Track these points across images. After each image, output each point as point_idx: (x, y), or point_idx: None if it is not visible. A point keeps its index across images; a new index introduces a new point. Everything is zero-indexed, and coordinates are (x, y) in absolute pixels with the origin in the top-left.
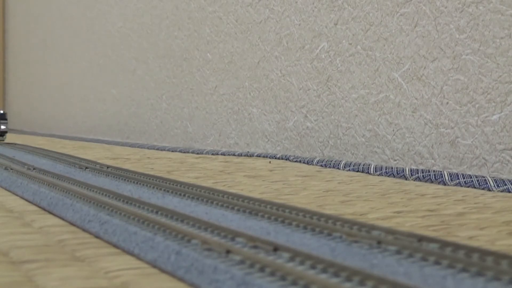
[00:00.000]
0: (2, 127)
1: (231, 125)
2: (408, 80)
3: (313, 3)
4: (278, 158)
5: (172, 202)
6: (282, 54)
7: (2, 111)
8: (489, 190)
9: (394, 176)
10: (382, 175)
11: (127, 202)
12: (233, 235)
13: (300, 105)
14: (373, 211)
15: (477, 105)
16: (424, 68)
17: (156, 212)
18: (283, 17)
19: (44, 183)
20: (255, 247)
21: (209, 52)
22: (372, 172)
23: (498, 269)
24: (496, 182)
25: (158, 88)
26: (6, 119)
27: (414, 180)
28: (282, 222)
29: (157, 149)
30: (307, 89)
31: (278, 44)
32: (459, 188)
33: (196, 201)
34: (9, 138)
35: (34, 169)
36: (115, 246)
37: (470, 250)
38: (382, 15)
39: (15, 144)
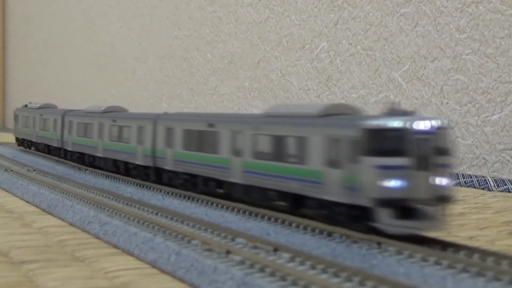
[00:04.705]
0: (442, 182)
1: None
2: (408, 80)
3: (313, 3)
4: None
5: (172, 204)
6: (282, 54)
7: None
8: (489, 190)
9: None
10: None
11: (127, 204)
12: (233, 235)
13: None
14: None
15: (477, 105)
16: (424, 68)
17: (156, 214)
18: (283, 17)
19: (44, 185)
20: (255, 247)
21: (209, 52)
22: None
23: (498, 269)
24: (496, 182)
25: (158, 88)
26: (448, 154)
27: None
28: (282, 223)
29: None
30: (307, 89)
31: (278, 44)
32: (459, 188)
33: (196, 203)
34: (9, 138)
35: (34, 170)
36: (115, 246)
37: (470, 250)
38: (382, 15)
39: (15, 143)
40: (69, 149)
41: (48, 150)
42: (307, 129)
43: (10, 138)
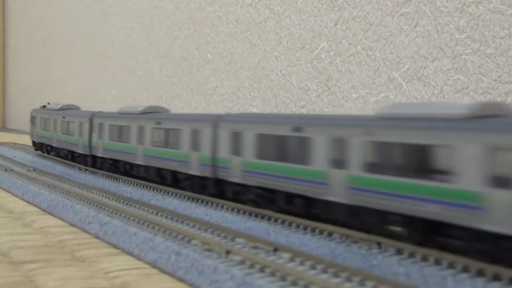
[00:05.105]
0: None
1: None
2: (408, 80)
3: (313, 3)
4: None
5: (172, 204)
6: (282, 54)
7: None
8: None
9: None
10: None
11: (127, 204)
12: (233, 235)
13: (300, 105)
14: None
15: None
16: (424, 68)
17: (156, 214)
18: (283, 17)
19: (44, 185)
20: (255, 247)
21: (209, 52)
22: None
23: (498, 269)
24: None
25: (158, 88)
26: None
27: None
28: (282, 223)
29: None
30: (307, 89)
31: (278, 44)
32: None
33: (196, 203)
34: (9, 138)
35: (34, 170)
36: (115, 246)
37: None
38: (382, 15)
39: (15, 143)
40: (99, 155)
41: (71, 156)
42: (454, 135)
43: (10, 138)
